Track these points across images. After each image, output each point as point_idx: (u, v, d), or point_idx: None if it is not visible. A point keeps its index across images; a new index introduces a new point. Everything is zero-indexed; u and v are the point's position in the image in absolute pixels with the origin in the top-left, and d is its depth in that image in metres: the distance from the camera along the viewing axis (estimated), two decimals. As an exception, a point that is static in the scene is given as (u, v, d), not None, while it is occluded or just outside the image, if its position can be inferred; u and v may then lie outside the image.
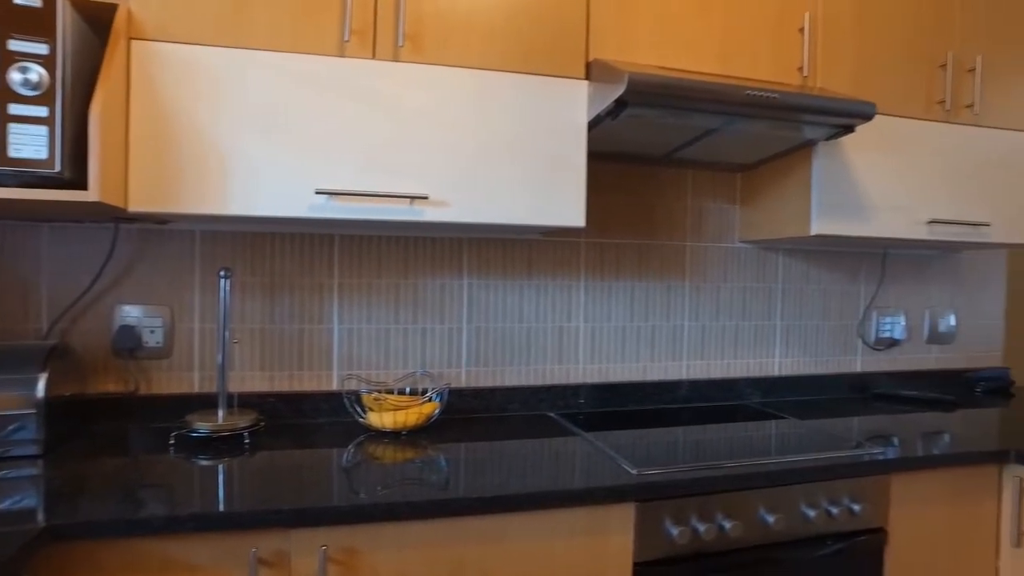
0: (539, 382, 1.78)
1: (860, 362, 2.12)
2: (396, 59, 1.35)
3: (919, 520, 1.45)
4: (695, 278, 1.91)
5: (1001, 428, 1.68)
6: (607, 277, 1.83)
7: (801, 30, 1.64)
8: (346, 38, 1.31)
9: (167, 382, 1.54)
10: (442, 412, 1.69)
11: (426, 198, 1.34)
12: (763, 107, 1.38)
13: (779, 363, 2.01)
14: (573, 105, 1.45)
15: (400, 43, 1.34)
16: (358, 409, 1.56)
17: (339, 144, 1.31)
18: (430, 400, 1.56)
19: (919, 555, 1.45)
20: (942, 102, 1.78)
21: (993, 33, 1.84)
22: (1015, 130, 1.86)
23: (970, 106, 1.81)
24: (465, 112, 1.38)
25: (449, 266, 1.71)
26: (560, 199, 1.44)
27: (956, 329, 2.25)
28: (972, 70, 1.81)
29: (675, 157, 1.75)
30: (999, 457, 1.49)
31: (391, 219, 1.34)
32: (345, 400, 1.60)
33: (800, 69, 1.64)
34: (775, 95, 1.37)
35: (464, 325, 1.73)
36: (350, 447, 1.38)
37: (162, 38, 1.23)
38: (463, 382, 1.73)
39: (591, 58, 1.46)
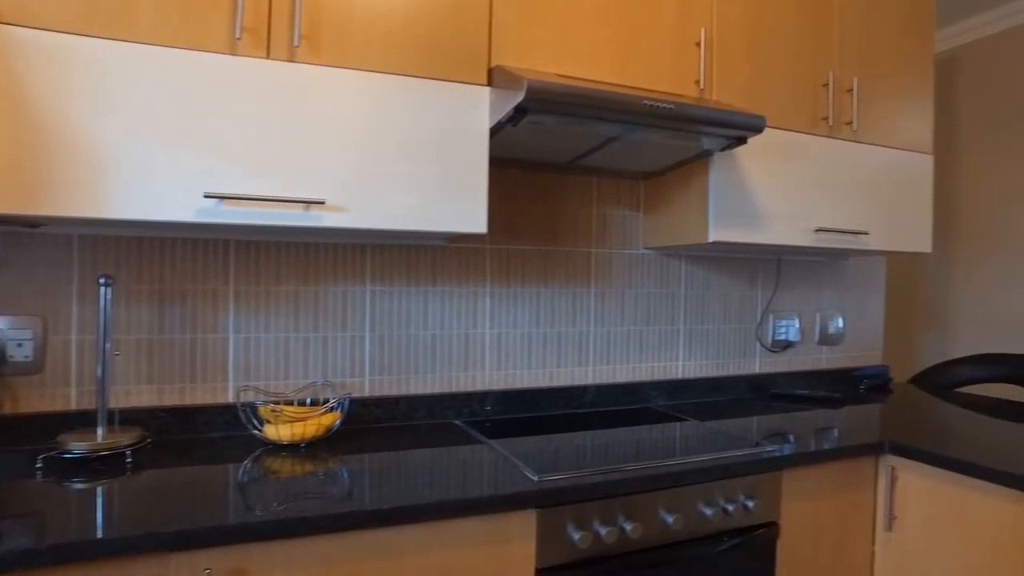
0: (445, 390, 1.76)
1: (758, 363, 2.22)
2: (292, 59, 1.30)
3: (807, 512, 1.53)
4: (600, 284, 1.94)
5: (880, 422, 1.79)
6: (513, 283, 1.83)
7: (698, 44, 1.70)
8: (238, 35, 1.25)
9: (39, 400, 1.42)
10: (344, 423, 1.64)
11: (323, 203, 1.30)
12: (659, 117, 1.41)
13: (683, 366, 2.07)
14: (475, 111, 1.44)
15: (296, 43, 1.29)
16: (255, 422, 1.49)
17: (231, 146, 1.25)
18: (330, 411, 1.51)
19: (807, 544, 1.53)
20: (825, 118, 1.89)
21: (866, 59, 1.97)
22: (887, 147, 2.00)
23: (849, 123, 1.93)
24: (365, 116, 1.35)
25: (351, 272, 1.67)
26: (462, 205, 1.43)
27: (843, 331, 2.40)
28: (850, 90, 1.93)
29: (580, 164, 1.78)
30: (875, 449, 1.58)
31: (286, 224, 1.29)
32: (240, 412, 1.52)
33: (697, 82, 1.70)
34: (671, 106, 1.41)
35: (367, 333, 1.69)
36: (245, 462, 1.32)
37: (24, 23, 1.13)
38: (367, 391, 1.69)
39: (493, 64, 1.46)
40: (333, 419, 1.50)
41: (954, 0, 3.16)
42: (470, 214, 1.44)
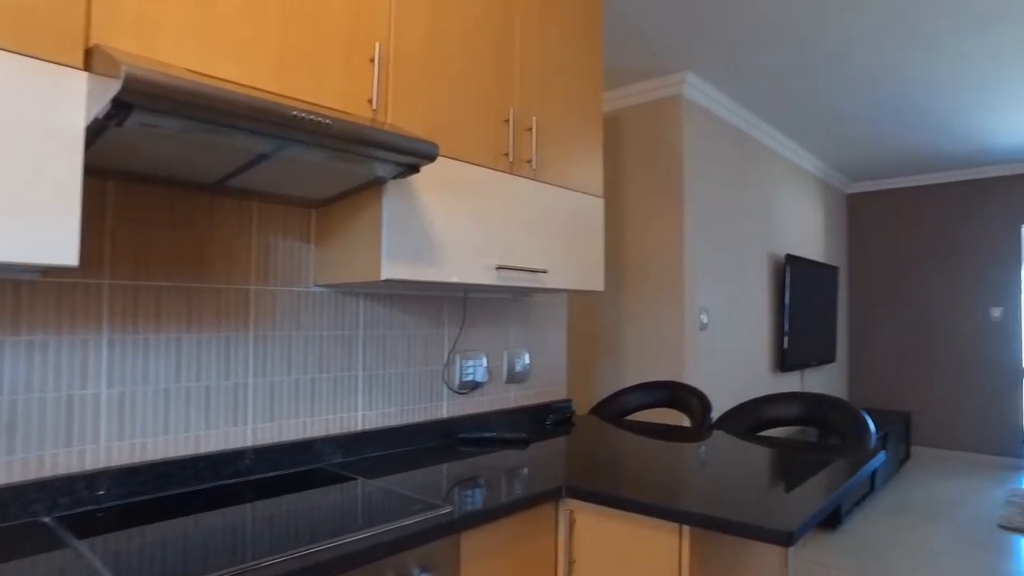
0: (32, 476, 1.29)
1: (446, 407, 2.10)
2: None
3: (489, 572, 1.41)
4: (262, 327, 1.64)
5: (561, 461, 1.78)
6: (144, 328, 1.44)
7: (372, 60, 1.54)
8: None
9: None
10: None
11: None
12: (315, 133, 1.20)
13: (362, 417, 1.85)
14: (62, 101, 1.07)
15: None
16: None
17: None
18: None
19: (487, 611, 1.41)
20: (507, 154, 1.87)
21: (544, 101, 2.02)
22: (564, 188, 2.06)
23: (529, 161, 1.94)
24: None
25: None
26: (40, 227, 1.04)
27: (530, 367, 2.42)
28: (530, 129, 1.95)
29: (232, 185, 1.48)
30: (554, 494, 1.54)
31: None
32: None
33: (370, 101, 1.54)
34: (328, 121, 1.21)
35: None
36: None
37: None
38: None
39: (93, 43, 1.11)
40: None
41: (622, 66, 3.54)
42: (53, 240, 1.05)
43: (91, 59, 1.10)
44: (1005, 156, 5.50)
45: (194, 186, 1.48)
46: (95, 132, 1.12)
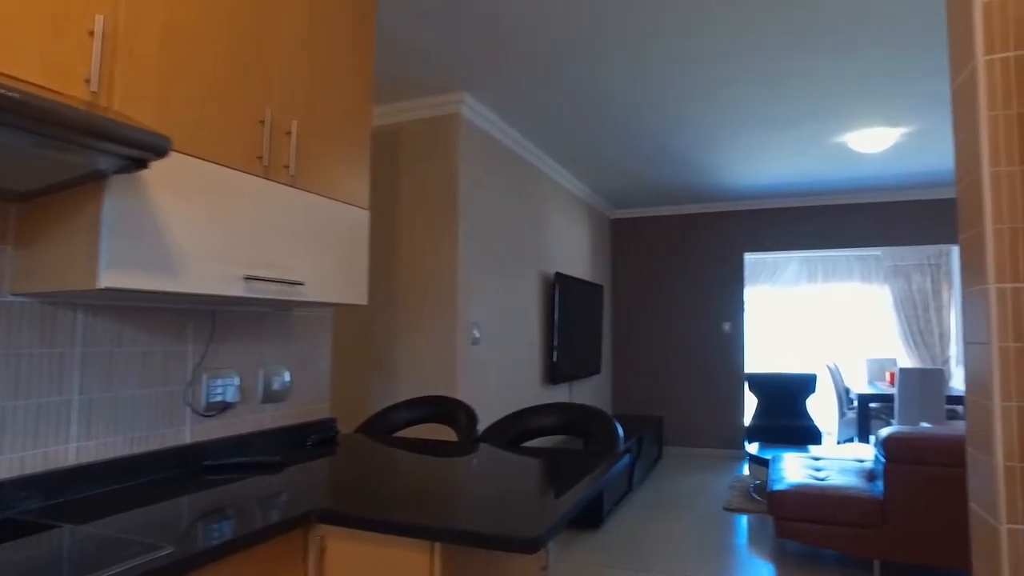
0: None
1: (189, 432, 1.88)
2: None
3: (223, 617, 1.26)
4: (-69, 345, 1.33)
5: (317, 484, 1.67)
6: None
7: (91, 34, 1.34)
8: None
9: None
10: None
11: None
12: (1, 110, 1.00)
13: (76, 449, 1.58)
14: None
15: None
16: None
17: None
18: None
19: (219, 660, 1.26)
20: (260, 157, 1.74)
21: (308, 107, 1.92)
22: (326, 197, 1.97)
23: (287, 167, 1.82)
24: None
25: None
26: None
27: (290, 385, 2.27)
28: (289, 133, 1.83)
29: None
30: (302, 520, 1.44)
31: None
32: None
33: (88, 82, 1.33)
34: (16, 95, 1.01)
35: None
36: None
37: None
38: None
39: None
40: None
41: (403, 79, 3.52)
42: None
43: None
44: (735, 194, 6.45)
45: None
46: None
